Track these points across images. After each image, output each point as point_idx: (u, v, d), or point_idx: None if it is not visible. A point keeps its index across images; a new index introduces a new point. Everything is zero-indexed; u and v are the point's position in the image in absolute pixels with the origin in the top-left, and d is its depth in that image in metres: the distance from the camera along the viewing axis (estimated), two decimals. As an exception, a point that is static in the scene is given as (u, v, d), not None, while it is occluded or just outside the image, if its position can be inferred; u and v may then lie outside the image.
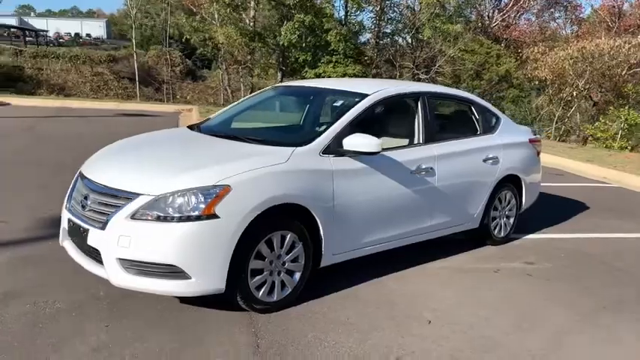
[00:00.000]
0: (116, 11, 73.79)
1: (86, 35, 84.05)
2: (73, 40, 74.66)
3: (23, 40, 62.60)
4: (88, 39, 77.88)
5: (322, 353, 3.21)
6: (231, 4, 29.67)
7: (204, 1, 30.48)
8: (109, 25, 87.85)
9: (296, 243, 3.74)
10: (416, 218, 4.60)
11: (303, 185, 3.71)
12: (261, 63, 31.20)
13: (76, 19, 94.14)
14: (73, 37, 77.29)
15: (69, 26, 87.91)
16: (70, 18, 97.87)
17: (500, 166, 5.30)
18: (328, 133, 4.02)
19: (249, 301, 3.57)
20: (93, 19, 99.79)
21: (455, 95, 5.46)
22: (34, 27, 78.57)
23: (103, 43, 71.02)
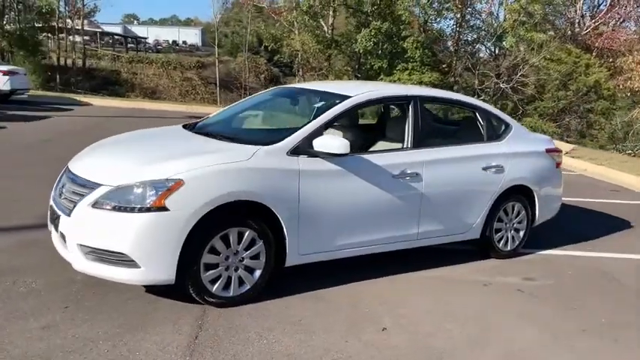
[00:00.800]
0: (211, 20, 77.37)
1: (182, 42, 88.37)
2: (170, 46, 79.10)
3: (125, 46, 67.15)
4: (184, 46, 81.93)
5: (255, 350, 3.23)
6: (309, 12, 30.18)
7: (284, 9, 31.19)
8: (204, 33, 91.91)
9: (256, 240, 3.79)
10: (400, 224, 4.50)
11: (265, 183, 3.75)
12: (335, 70, 31.42)
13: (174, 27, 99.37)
14: (170, 44, 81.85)
15: (167, 34, 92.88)
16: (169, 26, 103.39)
17: (504, 175, 5.05)
18: (298, 134, 4.04)
19: (202, 294, 3.65)
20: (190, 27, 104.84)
21: (455, 100, 5.28)
22: (136, 34, 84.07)
23: (197, 50, 74.57)
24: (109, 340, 3.21)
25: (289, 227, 3.89)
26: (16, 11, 30.70)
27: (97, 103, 18.82)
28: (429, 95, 5.04)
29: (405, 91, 4.90)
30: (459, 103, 5.29)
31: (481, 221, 5.02)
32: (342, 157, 4.10)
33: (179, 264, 3.49)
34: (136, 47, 69.35)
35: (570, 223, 6.94)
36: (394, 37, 30.64)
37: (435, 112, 5.28)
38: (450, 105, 5.35)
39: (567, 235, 6.27)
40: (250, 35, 45.14)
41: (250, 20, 40.59)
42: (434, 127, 5.03)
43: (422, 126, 4.67)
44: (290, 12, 30.58)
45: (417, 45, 29.55)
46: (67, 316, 3.47)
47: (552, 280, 4.86)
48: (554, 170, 5.61)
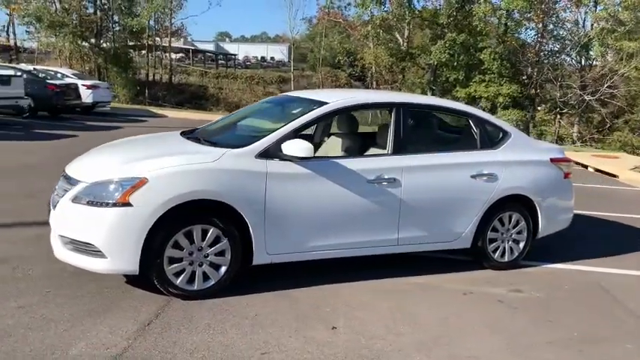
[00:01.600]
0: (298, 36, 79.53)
1: (270, 58, 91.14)
2: (258, 62, 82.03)
3: (216, 63, 70.49)
4: (271, 62, 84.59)
5: (197, 339, 3.44)
6: (383, 25, 30.32)
7: (358, 24, 31.54)
8: (290, 49, 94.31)
9: (221, 238, 4.01)
10: (377, 229, 4.55)
11: (229, 184, 3.97)
12: (408, 82, 31.27)
13: (263, 44, 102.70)
14: (259, 60, 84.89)
15: (257, 50, 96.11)
16: (259, 43, 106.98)
17: (498, 184, 4.95)
18: (267, 139, 4.23)
19: (166, 286, 3.92)
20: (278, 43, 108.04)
21: (446, 108, 5.23)
22: (227, 51, 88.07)
23: (283, 66, 76.82)
24: (71, 321, 3.54)
25: (255, 227, 4.07)
26: (112, 30, 33.20)
27: (172, 115, 20.00)
28: (413, 102, 5.05)
29: (389, 99, 4.96)
30: (450, 111, 5.25)
31: (471, 230, 4.94)
32: (313, 161, 4.26)
33: (142, 256, 3.77)
34: (226, 64, 72.63)
35: (601, 237, 6.61)
36: (471, 49, 30.06)
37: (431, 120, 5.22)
38: (440, 113, 5.31)
39: (585, 249, 5.99)
40: (324, 50, 45.86)
41: (325, 35, 41.23)
42: (420, 134, 5.03)
43: (404, 133, 4.71)
44: (364, 26, 30.87)
45: (495, 56, 28.82)
46: (44, 299, 3.85)
47: (542, 293, 4.69)
48: (561, 181, 5.39)
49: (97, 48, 32.42)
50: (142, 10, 31.21)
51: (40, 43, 32.39)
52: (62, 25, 30.18)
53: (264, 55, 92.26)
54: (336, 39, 35.10)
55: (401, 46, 30.84)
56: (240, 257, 4.12)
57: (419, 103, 5.19)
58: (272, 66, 76.95)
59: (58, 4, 32.17)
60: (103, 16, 33.00)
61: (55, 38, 31.05)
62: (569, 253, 5.80)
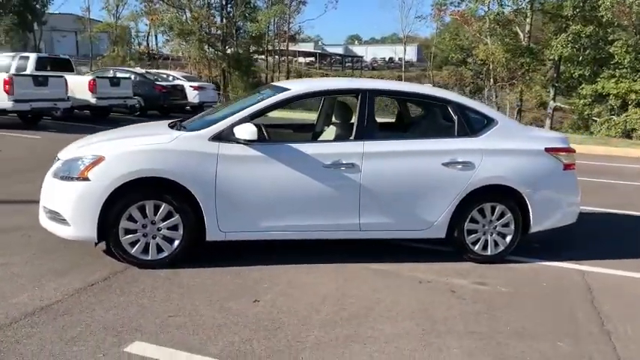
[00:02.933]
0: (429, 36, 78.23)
1: (398, 59, 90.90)
2: (386, 64, 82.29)
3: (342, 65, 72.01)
4: (399, 62, 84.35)
5: (123, 300, 3.82)
6: (498, 19, 29.03)
7: (473, 20, 30.51)
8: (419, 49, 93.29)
9: (173, 213, 4.36)
10: (336, 213, 4.62)
11: (179, 164, 4.31)
12: (526, 79, 29.55)
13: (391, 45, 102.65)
14: (387, 61, 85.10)
15: (385, 52, 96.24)
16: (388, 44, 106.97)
17: (474, 173, 4.75)
18: (222, 122, 4.51)
19: (122, 254, 4.36)
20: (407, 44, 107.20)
21: (421, 94, 5.06)
22: (355, 54, 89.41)
23: (411, 66, 76.30)
24: (31, 277, 4.11)
25: (206, 204, 4.37)
26: (235, 37, 35.46)
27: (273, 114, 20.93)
28: (381, 88, 5.00)
29: (355, 85, 4.97)
30: (425, 97, 5.10)
31: (444, 219, 4.80)
32: (267, 144, 4.51)
33: (99, 226, 4.24)
34: (352, 66, 73.87)
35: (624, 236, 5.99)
36: (600, 42, 27.75)
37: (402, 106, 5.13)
38: (416, 99, 5.15)
39: (608, 249, 5.51)
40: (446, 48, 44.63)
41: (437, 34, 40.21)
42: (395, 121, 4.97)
43: (368, 118, 4.71)
44: (479, 21, 29.79)
45: (628, 49, 26.29)
46: (26, 258, 4.48)
47: (511, 288, 4.43)
48: (559, 172, 5.00)
49: (222, 54, 34.79)
50: (261, 16, 32.90)
51: (172, 50, 35.50)
52: (190, 33, 32.84)
53: (392, 56, 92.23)
54: (447, 36, 34.17)
55: (521, 41, 29.29)
56: (194, 233, 4.43)
57: (388, 89, 5.13)
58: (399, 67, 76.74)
59: (189, 14, 35.05)
60: (228, 23, 35.32)
61: (185, 45, 33.90)
62: (578, 252, 5.36)
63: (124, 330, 3.38)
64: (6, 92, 12.07)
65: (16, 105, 12.28)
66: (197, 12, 34.50)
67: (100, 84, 14.78)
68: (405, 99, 5.19)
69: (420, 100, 5.12)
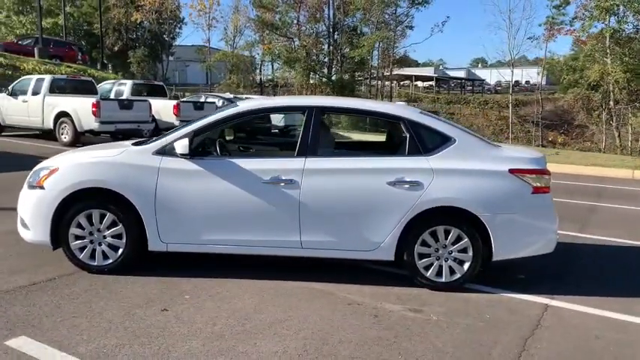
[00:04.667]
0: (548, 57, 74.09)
1: (525, 82, 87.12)
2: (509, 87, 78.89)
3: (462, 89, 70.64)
4: (526, 85, 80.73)
5: (41, 299, 4.11)
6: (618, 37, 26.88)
7: (588, 39, 28.53)
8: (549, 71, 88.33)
9: (117, 222, 4.63)
10: (276, 230, 4.60)
11: (121, 176, 4.58)
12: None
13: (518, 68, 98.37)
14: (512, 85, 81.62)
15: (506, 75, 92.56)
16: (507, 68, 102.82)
17: (423, 193, 4.50)
18: (167, 138, 4.72)
19: (72, 258, 4.69)
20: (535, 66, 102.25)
21: (372, 111, 4.86)
22: (478, 77, 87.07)
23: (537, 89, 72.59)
24: None
25: (146, 215, 4.59)
26: (340, 63, 36.25)
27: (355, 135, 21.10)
28: (330, 106, 4.88)
29: (302, 102, 4.93)
30: (377, 115, 4.89)
31: (392, 241, 4.57)
32: (208, 159, 4.65)
33: (52, 231, 4.61)
34: (472, 89, 72.05)
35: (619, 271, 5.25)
36: None
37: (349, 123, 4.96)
38: (366, 116, 4.94)
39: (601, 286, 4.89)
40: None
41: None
42: (331, 138, 4.84)
43: (312, 136, 4.66)
44: (592, 39, 27.77)
45: None
46: (3, 256, 4.97)
47: (445, 317, 4.11)
48: (527, 195, 4.56)
49: (327, 79, 35.70)
50: (363, 41, 33.34)
51: (280, 76, 37.11)
52: (296, 60, 34.14)
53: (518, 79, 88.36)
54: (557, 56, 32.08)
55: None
56: (137, 242, 4.66)
57: (334, 106, 5.00)
58: (525, 90, 73.36)
59: (298, 42, 36.50)
60: (334, 50, 36.24)
61: (293, 72, 35.30)
62: (562, 285, 4.82)
63: (22, 325, 3.65)
64: (94, 115, 13.40)
65: (102, 126, 13.59)
66: (305, 40, 35.86)
67: (184, 107, 15.88)
68: (356, 115, 5.04)
69: (372, 117, 4.93)
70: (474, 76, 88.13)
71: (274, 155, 5.01)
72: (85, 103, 13.78)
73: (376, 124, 15.98)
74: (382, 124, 5.35)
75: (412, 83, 68.47)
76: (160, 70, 45.15)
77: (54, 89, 14.87)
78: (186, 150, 4.46)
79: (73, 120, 13.88)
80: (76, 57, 32.51)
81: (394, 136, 5.07)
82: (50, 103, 14.46)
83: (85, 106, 13.73)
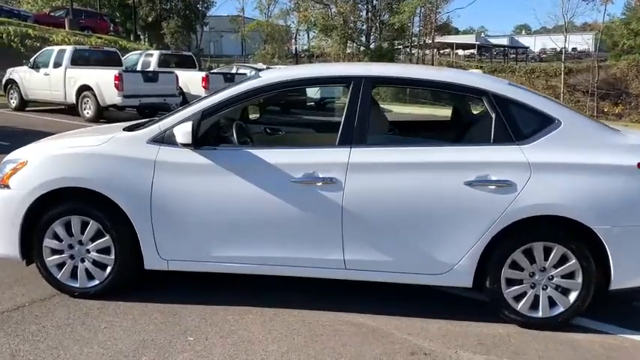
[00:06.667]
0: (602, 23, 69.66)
1: (572, 50, 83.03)
2: (555, 54, 75.22)
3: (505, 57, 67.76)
4: (573, 53, 76.84)
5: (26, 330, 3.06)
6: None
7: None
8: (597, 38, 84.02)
9: (103, 233, 3.52)
10: (308, 245, 3.42)
11: (110, 172, 3.46)
12: None
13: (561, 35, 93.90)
14: (557, 52, 77.77)
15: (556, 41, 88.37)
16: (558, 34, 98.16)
17: (517, 197, 3.22)
18: (167, 121, 3.55)
19: (48, 277, 3.62)
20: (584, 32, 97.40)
21: (440, 83, 3.48)
22: (522, 44, 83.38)
23: (587, 57, 68.96)
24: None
25: (140, 224, 3.47)
26: (379, 30, 34.45)
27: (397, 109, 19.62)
28: (383, 75, 3.58)
29: (347, 71, 3.65)
30: (451, 87, 3.54)
31: (470, 262, 3.33)
32: (220, 150, 3.49)
33: (22, 242, 3.54)
34: (516, 57, 69.11)
35: None
36: None
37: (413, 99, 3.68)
38: (433, 89, 3.61)
39: None
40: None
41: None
42: (386, 120, 3.59)
43: (360, 117, 3.41)
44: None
45: None
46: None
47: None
48: (667, 201, 3.23)
49: (365, 48, 34.01)
50: (404, 7, 31.41)
51: (316, 46, 35.58)
52: (333, 28, 32.53)
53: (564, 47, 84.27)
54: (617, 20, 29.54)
55: None
56: (130, 257, 3.55)
57: (391, 76, 3.67)
58: (572, 57, 69.72)
59: (334, 9, 34.80)
60: (372, 17, 34.42)
61: (327, 41, 33.73)
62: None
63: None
64: (116, 88, 12.40)
65: (125, 100, 12.59)
66: (342, 6, 34.11)
67: (213, 79, 14.75)
68: (419, 88, 3.70)
69: (441, 90, 3.59)
70: (517, 43, 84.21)
71: (308, 144, 3.79)
72: (107, 76, 12.79)
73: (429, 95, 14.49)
74: (446, 97, 3.99)
75: (453, 51, 65.72)
76: (195, 41, 44.09)
77: (76, 61, 13.94)
78: (189, 138, 3.28)
79: (96, 94, 12.91)
80: (108, 28, 31.82)
81: (469, 115, 3.77)
82: (72, 75, 13.54)
83: (107, 78, 12.74)
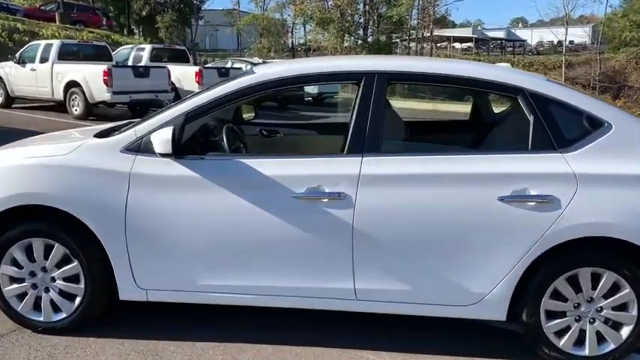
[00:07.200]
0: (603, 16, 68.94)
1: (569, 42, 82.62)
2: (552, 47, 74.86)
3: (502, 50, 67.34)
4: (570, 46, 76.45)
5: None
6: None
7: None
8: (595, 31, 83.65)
9: (70, 258, 2.99)
10: (311, 271, 2.90)
11: (77, 187, 2.92)
12: None
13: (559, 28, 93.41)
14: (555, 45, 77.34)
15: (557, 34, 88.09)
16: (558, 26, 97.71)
17: (561, 215, 2.70)
18: (144, 126, 3.01)
19: (7, 311, 3.10)
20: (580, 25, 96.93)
21: (467, 79, 2.94)
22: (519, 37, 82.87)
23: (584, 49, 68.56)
24: None
25: (113, 248, 2.94)
26: (376, 23, 33.86)
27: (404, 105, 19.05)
28: (400, 71, 3.03)
29: (358, 65, 3.09)
30: (476, 84, 2.99)
31: (503, 292, 2.81)
32: (208, 159, 2.94)
33: (-25, 270, 3.00)
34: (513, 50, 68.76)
35: None
36: None
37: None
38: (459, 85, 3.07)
39: None
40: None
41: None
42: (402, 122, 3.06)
43: (373, 119, 2.87)
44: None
45: None
46: None
47: None
48: None
49: (363, 41, 33.43)
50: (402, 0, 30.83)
51: (312, 39, 34.98)
52: (329, 22, 31.93)
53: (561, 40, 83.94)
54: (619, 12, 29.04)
55: None
56: (103, 286, 3.01)
57: (411, 71, 3.11)
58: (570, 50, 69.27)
59: (331, 2, 34.18)
60: (370, 9, 33.82)
61: (324, 35, 33.12)
62: None
63: None
64: (105, 84, 11.82)
65: (114, 97, 12.01)
66: (340, 0, 33.50)
67: (206, 74, 14.17)
68: (443, 85, 3.15)
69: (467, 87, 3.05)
70: (514, 36, 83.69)
71: (311, 150, 3.25)
72: (95, 71, 12.18)
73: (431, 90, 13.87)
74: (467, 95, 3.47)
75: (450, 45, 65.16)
76: (190, 36, 43.38)
77: (64, 56, 13.34)
78: (169, 146, 2.75)
79: (84, 90, 12.32)
80: (101, 22, 31.14)
81: (494, 115, 3.24)
82: (59, 71, 12.93)
83: (95, 74, 12.13)
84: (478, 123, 3.70)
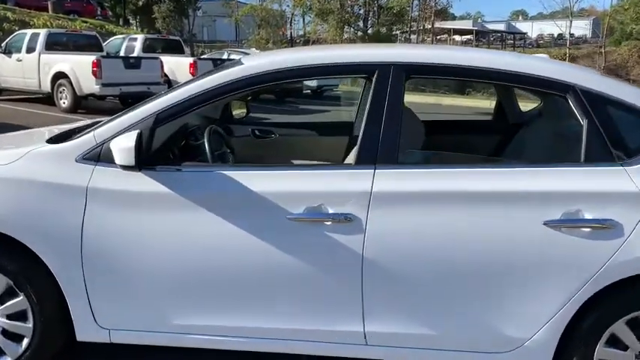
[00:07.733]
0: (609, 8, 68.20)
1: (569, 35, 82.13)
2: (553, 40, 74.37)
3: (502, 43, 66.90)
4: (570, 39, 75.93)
5: None
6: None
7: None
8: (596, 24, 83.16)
9: (15, 293, 2.44)
10: (311, 311, 2.35)
11: (20, 205, 2.36)
12: None
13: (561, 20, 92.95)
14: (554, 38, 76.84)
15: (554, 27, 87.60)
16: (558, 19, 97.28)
17: (622, 245, 2.15)
18: (104, 129, 2.45)
19: (-60, 355, 2.54)
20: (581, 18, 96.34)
21: (507, 73, 2.34)
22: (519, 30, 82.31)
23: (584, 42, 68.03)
24: None
25: (67, 279, 2.39)
26: (377, 15, 33.21)
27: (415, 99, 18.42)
28: (423, 62, 2.44)
29: (369, 56, 2.52)
30: (516, 79, 2.40)
31: (549, 336, 2.27)
32: (185, 171, 2.36)
33: None
34: (514, 43, 68.27)
35: None
36: None
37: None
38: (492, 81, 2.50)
39: None
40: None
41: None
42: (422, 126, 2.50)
43: (387, 123, 2.32)
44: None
45: None
46: None
47: None
48: None
49: (363, 33, 32.81)
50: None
51: (309, 31, 34.36)
52: (329, 12, 31.30)
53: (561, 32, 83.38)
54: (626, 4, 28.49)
55: None
56: (57, 324, 2.47)
57: (430, 62, 2.48)
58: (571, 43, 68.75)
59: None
60: (370, 0, 33.17)
61: (323, 26, 32.51)
62: None
63: None
64: (94, 75, 11.24)
65: (104, 89, 11.44)
66: (340, -11, 32.83)
67: (201, 65, 13.59)
68: (473, 80, 2.56)
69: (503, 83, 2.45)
70: (514, 29, 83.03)
71: (311, 157, 2.68)
72: (84, 62, 11.62)
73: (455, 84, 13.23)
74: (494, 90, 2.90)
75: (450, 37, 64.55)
76: (187, 26, 42.65)
77: (51, 46, 12.76)
78: (131, 157, 2.19)
79: (72, 82, 11.74)
80: (95, 12, 30.54)
81: (544, 121, 2.67)
82: (46, 62, 12.37)
83: (84, 65, 11.57)
84: (508, 125, 3.14)
